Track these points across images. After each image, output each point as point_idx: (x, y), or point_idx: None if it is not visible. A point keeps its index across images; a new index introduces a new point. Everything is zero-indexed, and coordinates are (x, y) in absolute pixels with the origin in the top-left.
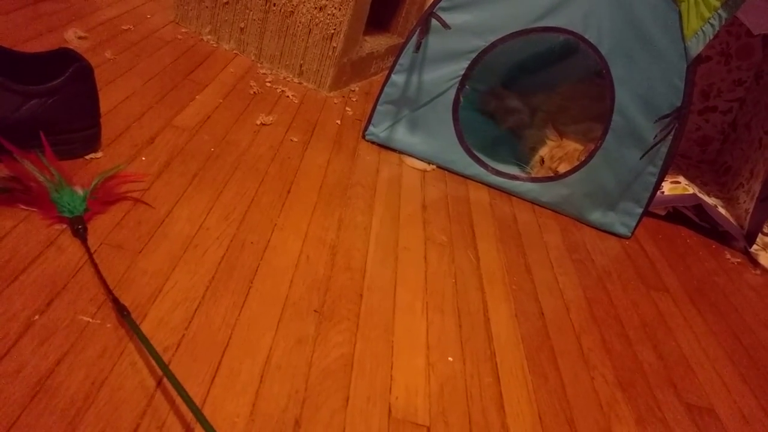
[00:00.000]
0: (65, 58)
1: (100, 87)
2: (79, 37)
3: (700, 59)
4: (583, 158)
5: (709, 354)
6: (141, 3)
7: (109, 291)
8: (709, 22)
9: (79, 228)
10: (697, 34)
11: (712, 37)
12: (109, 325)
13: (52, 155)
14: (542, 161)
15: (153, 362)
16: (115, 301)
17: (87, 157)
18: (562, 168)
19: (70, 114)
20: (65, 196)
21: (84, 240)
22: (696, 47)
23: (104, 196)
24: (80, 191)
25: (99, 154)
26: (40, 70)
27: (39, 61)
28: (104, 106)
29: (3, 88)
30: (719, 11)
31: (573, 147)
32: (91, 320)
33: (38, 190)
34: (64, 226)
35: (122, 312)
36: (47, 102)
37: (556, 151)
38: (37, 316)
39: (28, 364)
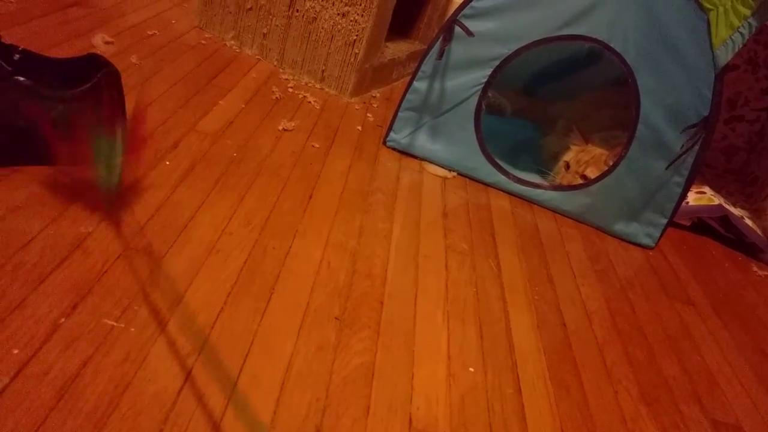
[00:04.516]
0: (93, 64)
1: (125, 92)
2: (106, 42)
3: (727, 68)
4: (611, 162)
5: (735, 368)
6: (166, 8)
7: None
8: (738, 31)
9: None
10: (725, 43)
11: (741, 46)
12: (132, 330)
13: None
14: (567, 166)
15: (175, 368)
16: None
17: None
18: (590, 172)
19: (97, 118)
20: (103, 145)
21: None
22: (725, 56)
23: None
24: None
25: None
26: (68, 75)
27: (67, 66)
28: (130, 110)
29: (33, 92)
30: (749, 20)
31: (599, 151)
32: (115, 324)
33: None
34: (90, 230)
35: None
36: (75, 107)
37: (582, 155)
38: (63, 319)
39: (55, 366)
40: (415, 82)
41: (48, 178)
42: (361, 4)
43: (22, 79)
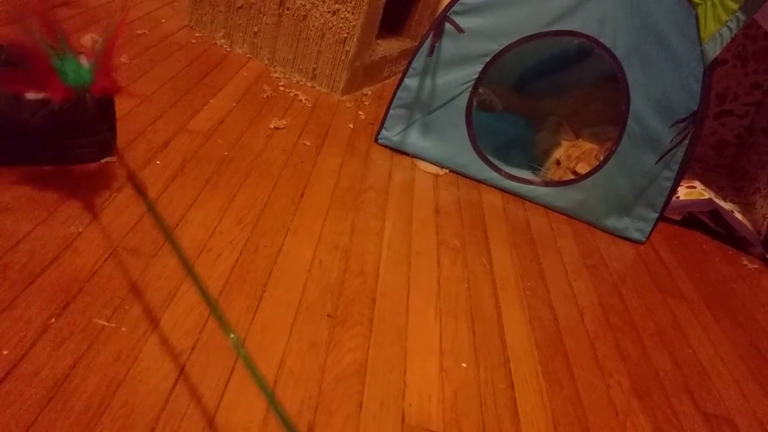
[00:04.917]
0: None
1: None
2: (96, 42)
3: (716, 62)
4: (601, 157)
5: (726, 361)
6: (156, 7)
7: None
8: (726, 25)
9: (86, 96)
10: (714, 37)
11: (729, 40)
12: (123, 329)
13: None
14: (558, 162)
15: (167, 366)
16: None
17: (103, 160)
18: (581, 168)
19: (87, 118)
20: (68, 65)
21: (92, 105)
22: (713, 50)
23: (106, 66)
24: (86, 62)
25: (114, 158)
26: None
27: None
28: (120, 110)
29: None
30: (737, 14)
31: (589, 146)
32: (106, 324)
33: (39, 58)
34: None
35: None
36: (65, 106)
37: (573, 150)
38: (53, 320)
39: (45, 366)
40: (406, 79)
41: (38, 179)
42: (351, 2)
43: None
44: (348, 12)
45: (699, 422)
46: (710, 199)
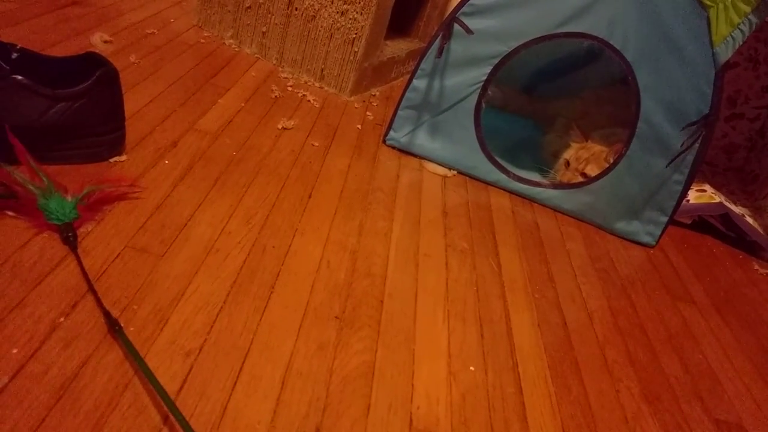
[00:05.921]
0: (91, 62)
1: (124, 90)
2: (105, 41)
3: (727, 65)
4: (611, 160)
5: (737, 367)
6: (165, 7)
7: (99, 304)
8: (738, 28)
9: (69, 236)
10: (726, 40)
11: (741, 42)
12: (132, 329)
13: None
14: (567, 164)
15: (175, 367)
16: (107, 315)
17: (111, 160)
18: (590, 169)
19: (96, 117)
20: (53, 203)
21: (74, 248)
22: (725, 53)
23: (95, 203)
24: (70, 198)
25: (123, 157)
26: (66, 74)
27: (66, 64)
28: (128, 109)
29: (31, 91)
30: (749, 16)
31: (599, 148)
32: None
33: (25, 196)
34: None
35: (114, 327)
36: (74, 105)
37: (582, 152)
38: (62, 319)
39: (54, 366)
40: (414, 80)
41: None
42: (360, 2)
43: (20, 77)
44: (356, 13)
45: (710, 428)
46: (721, 203)
